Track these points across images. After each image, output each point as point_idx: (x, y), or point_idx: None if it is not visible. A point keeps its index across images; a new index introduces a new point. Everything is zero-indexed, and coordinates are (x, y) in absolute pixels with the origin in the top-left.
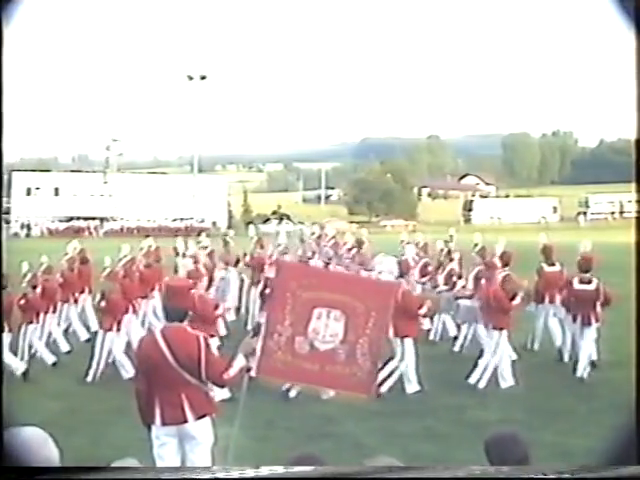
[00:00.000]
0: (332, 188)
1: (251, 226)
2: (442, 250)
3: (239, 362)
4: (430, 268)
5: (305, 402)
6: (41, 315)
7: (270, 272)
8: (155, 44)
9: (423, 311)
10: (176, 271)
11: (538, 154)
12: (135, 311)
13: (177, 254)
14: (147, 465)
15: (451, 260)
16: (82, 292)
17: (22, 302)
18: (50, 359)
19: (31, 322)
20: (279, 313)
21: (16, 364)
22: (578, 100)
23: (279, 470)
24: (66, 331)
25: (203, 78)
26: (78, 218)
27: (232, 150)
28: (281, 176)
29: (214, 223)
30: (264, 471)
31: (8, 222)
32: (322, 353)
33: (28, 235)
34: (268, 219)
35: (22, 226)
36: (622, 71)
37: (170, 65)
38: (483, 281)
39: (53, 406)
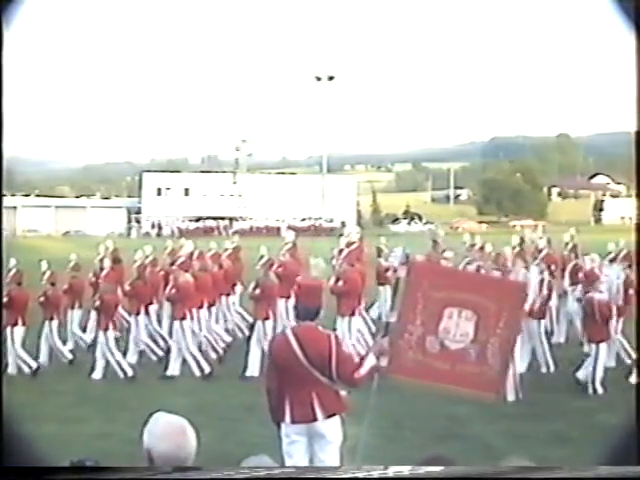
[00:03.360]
0: (461, 188)
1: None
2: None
3: (370, 361)
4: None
5: (434, 402)
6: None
7: (401, 272)
8: (284, 46)
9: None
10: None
11: None
12: (147, 313)
13: (379, 255)
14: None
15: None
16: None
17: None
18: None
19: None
20: (410, 312)
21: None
22: None
23: (406, 470)
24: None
25: (331, 79)
26: (207, 218)
27: (361, 150)
28: (410, 176)
29: (343, 223)
30: (391, 471)
31: (139, 221)
32: (453, 352)
33: (159, 235)
34: (397, 219)
35: (153, 225)
36: None
37: (299, 66)
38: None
39: (183, 402)
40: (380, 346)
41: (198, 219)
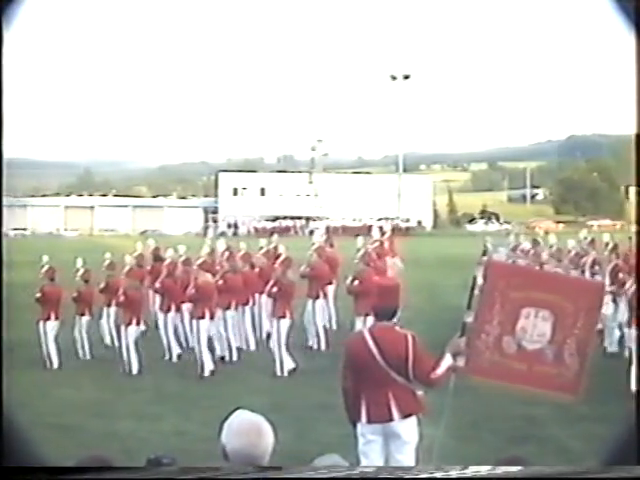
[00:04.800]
0: (537, 187)
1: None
2: None
3: (446, 362)
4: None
5: (510, 403)
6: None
7: (477, 271)
8: (360, 45)
9: None
10: None
11: None
12: (178, 310)
13: (484, 254)
14: (351, 463)
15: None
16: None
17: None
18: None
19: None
20: (487, 312)
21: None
22: None
23: (484, 470)
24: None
25: (406, 77)
26: (284, 217)
27: (436, 149)
28: (486, 175)
29: (419, 222)
30: (470, 471)
31: (216, 221)
32: (530, 353)
33: (235, 234)
34: (474, 218)
35: (229, 225)
36: None
37: (374, 65)
38: None
39: (257, 401)
40: (457, 346)
41: (274, 219)
